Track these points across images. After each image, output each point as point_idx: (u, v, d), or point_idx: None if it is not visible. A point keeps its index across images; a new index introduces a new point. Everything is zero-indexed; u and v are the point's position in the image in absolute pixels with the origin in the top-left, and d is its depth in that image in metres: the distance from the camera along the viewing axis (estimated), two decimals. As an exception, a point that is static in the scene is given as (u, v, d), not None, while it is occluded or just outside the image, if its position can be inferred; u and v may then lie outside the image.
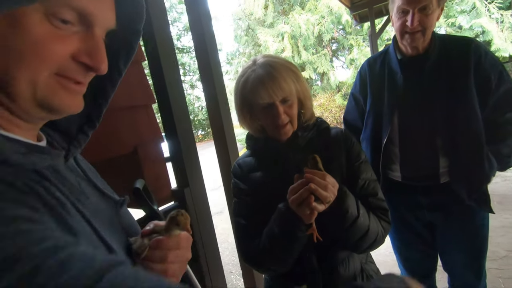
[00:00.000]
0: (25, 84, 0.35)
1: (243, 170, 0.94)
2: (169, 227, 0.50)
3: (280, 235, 0.78)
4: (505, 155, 1.19)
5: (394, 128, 1.28)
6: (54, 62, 0.36)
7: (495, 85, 1.15)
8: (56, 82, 0.37)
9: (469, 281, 1.35)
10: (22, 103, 0.36)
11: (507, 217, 3.06)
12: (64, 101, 0.39)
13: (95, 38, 0.39)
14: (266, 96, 0.81)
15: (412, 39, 1.16)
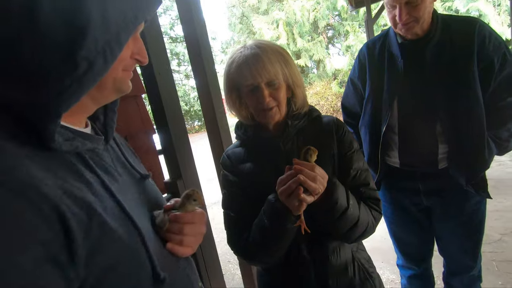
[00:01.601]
0: (111, 80, 0.49)
1: (232, 161, 0.92)
2: (184, 203, 0.58)
3: (269, 226, 0.77)
4: (504, 139, 1.18)
5: (394, 114, 1.25)
6: (124, 63, 0.50)
7: (498, 68, 1.12)
8: (124, 73, 0.51)
9: (465, 264, 1.37)
10: (105, 92, 0.50)
11: (501, 201, 3.10)
12: (128, 85, 0.53)
13: (139, 39, 0.53)
14: (250, 76, 0.79)
15: (406, 29, 1.13)
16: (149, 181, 0.65)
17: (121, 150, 0.62)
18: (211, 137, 1.44)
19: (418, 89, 1.19)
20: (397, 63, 1.22)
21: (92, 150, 0.51)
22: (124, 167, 0.59)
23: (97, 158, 0.51)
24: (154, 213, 0.58)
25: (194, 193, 0.58)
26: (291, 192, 0.69)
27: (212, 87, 1.37)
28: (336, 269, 0.85)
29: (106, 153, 0.55)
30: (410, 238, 1.46)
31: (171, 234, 0.57)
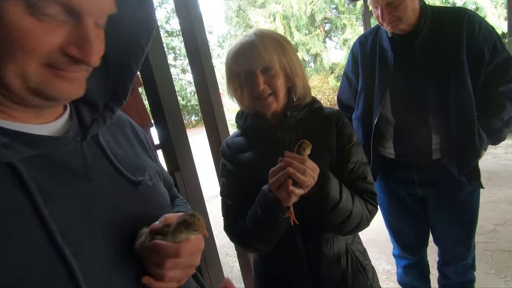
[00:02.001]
0: (14, 76, 0.35)
1: (231, 151, 0.93)
2: (176, 230, 0.46)
3: (262, 216, 0.79)
4: (497, 129, 1.19)
5: (387, 106, 1.27)
6: (41, 54, 0.36)
7: (489, 58, 1.13)
8: (47, 72, 0.37)
9: (459, 253, 1.40)
10: (16, 93, 0.37)
11: (495, 193, 3.15)
12: (59, 88, 0.39)
13: (84, 28, 0.37)
14: (244, 62, 0.80)
15: (392, 27, 1.15)
16: (147, 186, 0.55)
17: (111, 149, 0.53)
18: (209, 131, 1.45)
19: (409, 82, 1.21)
20: (388, 57, 1.23)
21: (41, 156, 0.41)
22: (105, 169, 0.50)
23: (49, 164, 0.42)
24: (141, 231, 0.48)
25: (194, 221, 0.46)
26: (281, 184, 0.70)
27: (210, 80, 1.37)
28: (328, 260, 0.86)
29: (73, 153, 0.46)
30: (405, 228, 1.48)
31: (150, 265, 0.46)
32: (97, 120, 0.51)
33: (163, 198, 0.60)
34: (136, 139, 0.63)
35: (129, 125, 0.64)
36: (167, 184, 0.72)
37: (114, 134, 0.58)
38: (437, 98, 1.17)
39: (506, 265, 2.11)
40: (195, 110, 21.07)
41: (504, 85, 1.15)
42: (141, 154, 0.61)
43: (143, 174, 0.56)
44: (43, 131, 0.43)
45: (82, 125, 0.50)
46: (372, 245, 2.57)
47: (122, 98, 0.53)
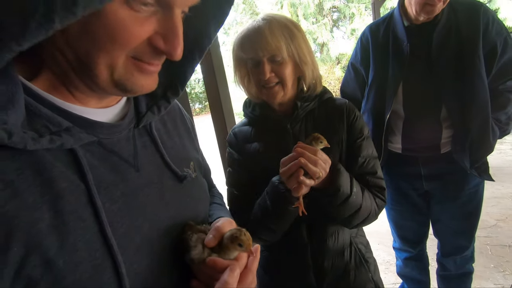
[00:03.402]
0: (104, 67, 0.36)
1: (238, 140, 0.92)
2: (228, 247, 0.46)
3: (271, 207, 0.78)
4: (504, 122, 1.20)
5: (398, 99, 1.25)
6: (132, 46, 0.36)
7: (500, 52, 1.12)
8: (132, 64, 0.38)
9: (459, 245, 1.41)
10: (100, 83, 0.38)
11: (499, 188, 3.15)
12: (138, 82, 0.40)
13: (174, 20, 0.38)
14: (250, 49, 0.78)
15: (426, 12, 1.10)
16: (190, 179, 0.54)
17: (161, 138, 0.52)
18: (215, 120, 1.45)
19: (424, 74, 1.18)
20: (403, 47, 1.20)
21: (96, 142, 0.42)
22: (153, 160, 0.49)
23: (101, 150, 0.42)
24: (191, 235, 0.47)
25: (240, 235, 0.46)
26: (291, 173, 0.69)
27: (217, 67, 1.36)
28: (332, 252, 0.86)
29: (125, 141, 0.46)
30: (408, 222, 1.49)
31: (201, 275, 0.46)
32: (152, 108, 0.50)
33: (204, 190, 0.60)
34: (184, 128, 0.62)
35: (179, 113, 0.63)
36: (205, 173, 0.71)
37: (164, 122, 0.57)
38: (453, 91, 1.15)
39: (506, 259, 2.13)
40: (198, 98, 21.00)
41: (511, 80, 1.15)
42: (187, 145, 0.60)
43: (187, 166, 0.55)
44: (102, 116, 0.44)
45: (138, 112, 0.49)
46: (373, 236, 2.60)
47: (180, 88, 0.52)
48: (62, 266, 0.34)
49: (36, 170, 0.35)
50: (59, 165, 0.36)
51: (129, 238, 0.41)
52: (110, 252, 0.38)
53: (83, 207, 0.37)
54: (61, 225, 0.35)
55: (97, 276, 0.37)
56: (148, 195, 0.45)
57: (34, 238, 0.33)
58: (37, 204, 0.34)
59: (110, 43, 0.35)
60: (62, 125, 0.37)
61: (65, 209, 0.35)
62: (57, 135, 0.36)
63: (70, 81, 0.38)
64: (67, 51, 0.35)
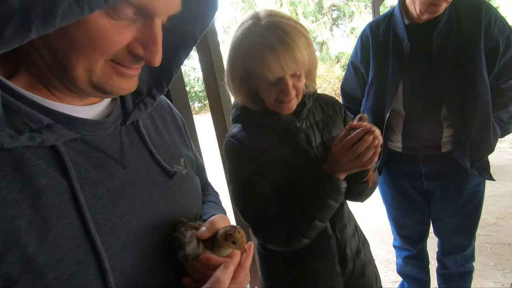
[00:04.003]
0: (82, 71, 0.37)
1: (246, 146, 0.82)
2: (221, 244, 0.45)
3: (334, 201, 0.77)
4: (505, 121, 1.19)
5: (399, 98, 1.24)
6: (111, 52, 0.37)
7: (502, 51, 1.11)
8: (110, 68, 0.38)
9: (460, 244, 1.42)
10: (79, 86, 0.38)
11: (499, 187, 3.15)
12: (117, 85, 0.40)
13: (153, 29, 0.38)
14: (277, 69, 0.69)
15: (431, 11, 1.09)
16: (181, 176, 0.54)
17: (149, 135, 0.52)
18: (215, 119, 1.45)
19: (425, 72, 1.17)
20: (403, 46, 1.19)
21: (79, 139, 0.42)
22: (141, 156, 0.49)
23: (85, 147, 0.42)
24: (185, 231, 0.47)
25: (234, 232, 0.45)
26: (368, 146, 0.71)
27: (217, 65, 1.36)
28: (350, 237, 0.90)
29: (111, 138, 0.46)
30: (408, 221, 1.49)
31: (194, 272, 0.46)
32: (138, 106, 0.50)
33: (196, 187, 0.59)
34: (174, 125, 0.62)
35: (168, 110, 0.62)
36: (200, 170, 0.69)
37: (153, 119, 0.56)
38: (453, 90, 1.14)
39: (505, 257, 2.13)
40: (198, 96, 20.98)
41: None
42: (177, 141, 0.60)
43: (177, 163, 0.55)
44: (85, 114, 0.43)
45: (124, 109, 0.49)
46: (373, 234, 2.61)
47: (165, 85, 0.52)
48: (43, 263, 0.34)
49: (16, 167, 0.34)
50: (39, 162, 0.36)
51: (114, 234, 0.41)
52: (94, 248, 0.38)
53: (65, 204, 0.37)
54: (41, 221, 0.35)
55: (80, 272, 0.36)
56: (136, 191, 0.45)
57: (12, 235, 0.32)
58: (16, 201, 0.33)
59: (89, 49, 0.35)
60: (43, 122, 0.37)
61: (46, 206, 0.35)
62: (38, 132, 0.36)
63: (48, 81, 0.38)
64: (45, 53, 0.35)
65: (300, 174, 0.81)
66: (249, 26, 0.72)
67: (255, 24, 0.72)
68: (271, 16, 0.72)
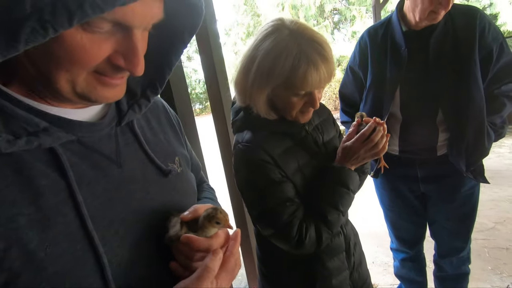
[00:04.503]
0: (65, 82, 0.37)
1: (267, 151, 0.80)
2: (204, 225, 0.46)
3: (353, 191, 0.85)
4: (499, 126, 1.22)
5: (396, 102, 1.27)
6: (91, 65, 0.37)
7: (496, 57, 1.14)
8: (94, 78, 0.39)
9: (456, 246, 1.44)
10: (64, 95, 0.39)
11: (497, 191, 3.16)
12: (102, 94, 0.41)
13: (133, 40, 0.38)
14: (316, 84, 0.72)
15: (431, 19, 1.12)
16: (176, 174, 0.55)
17: (144, 135, 0.53)
18: (216, 120, 1.47)
19: (421, 78, 1.21)
20: (401, 51, 1.22)
21: (76, 141, 0.43)
22: (137, 156, 0.50)
23: (82, 148, 0.43)
24: (173, 219, 0.48)
25: (216, 213, 0.46)
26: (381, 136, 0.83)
27: (218, 67, 1.38)
28: (350, 228, 0.98)
29: (107, 139, 0.47)
30: (405, 223, 1.51)
31: (179, 255, 0.46)
32: (132, 107, 0.51)
33: (191, 185, 0.60)
34: (169, 124, 0.63)
35: (162, 110, 0.63)
36: (195, 168, 0.71)
37: (147, 120, 0.58)
38: (449, 95, 1.17)
39: (503, 262, 2.14)
40: (199, 98, 21.03)
41: (506, 84, 1.18)
42: (172, 140, 0.61)
43: (172, 161, 0.56)
44: (80, 116, 0.44)
45: (119, 110, 0.50)
46: (372, 238, 2.62)
47: (159, 86, 0.53)
48: (44, 258, 0.35)
49: (15, 169, 0.36)
50: (38, 164, 0.38)
51: (112, 230, 0.42)
52: (91, 244, 0.39)
53: (64, 203, 0.38)
54: (42, 219, 0.36)
55: (79, 267, 0.38)
56: (132, 190, 0.47)
57: (14, 232, 0.34)
58: (17, 200, 0.35)
59: (69, 64, 0.36)
60: (40, 126, 0.38)
61: (46, 205, 0.37)
62: (35, 135, 0.37)
63: (39, 90, 0.40)
64: (30, 68, 0.37)
65: (317, 173, 0.86)
66: (284, 37, 0.71)
67: (291, 36, 0.71)
68: (301, 27, 0.73)
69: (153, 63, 0.48)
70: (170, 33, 0.50)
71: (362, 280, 0.98)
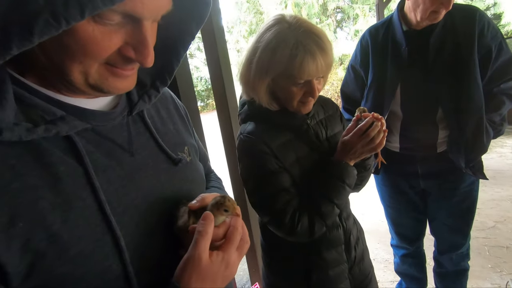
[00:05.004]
0: (78, 74, 0.39)
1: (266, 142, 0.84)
2: (213, 213, 0.46)
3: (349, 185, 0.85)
4: (497, 123, 1.24)
5: (396, 100, 1.29)
6: (103, 57, 0.38)
7: (495, 56, 1.16)
8: (105, 69, 0.40)
9: (455, 242, 1.45)
10: (78, 86, 0.40)
11: (498, 191, 3.17)
12: (114, 85, 0.42)
13: (142, 31, 0.39)
14: (313, 72, 0.75)
15: (437, 17, 1.13)
16: (185, 162, 0.56)
17: (155, 124, 0.54)
18: (221, 117, 1.49)
19: (422, 76, 1.22)
20: (401, 50, 1.24)
21: (90, 129, 0.44)
22: (147, 144, 0.51)
23: (96, 137, 0.45)
24: (182, 209, 0.49)
25: (225, 201, 0.46)
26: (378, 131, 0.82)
27: (223, 63, 1.39)
28: (351, 224, 0.98)
29: (119, 127, 0.49)
30: (405, 219, 1.53)
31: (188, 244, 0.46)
32: (143, 97, 0.52)
33: (199, 173, 0.62)
34: (177, 115, 0.64)
35: (171, 101, 0.65)
36: (203, 158, 0.72)
37: (157, 110, 0.59)
38: (449, 93, 1.19)
39: (503, 260, 2.16)
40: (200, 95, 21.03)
41: (505, 82, 1.20)
42: (181, 130, 0.62)
43: (182, 150, 0.58)
44: (93, 105, 0.46)
45: (130, 100, 0.52)
46: (373, 235, 2.64)
47: (168, 77, 0.54)
48: (67, 239, 0.37)
49: (35, 156, 0.38)
50: (56, 151, 0.39)
51: (127, 216, 0.44)
52: (110, 227, 0.41)
53: (82, 188, 0.40)
54: (62, 204, 0.38)
55: (99, 249, 0.40)
56: (144, 177, 0.48)
57: (38, 215, 0.36)
58: (38, 185, 0.37)
59: (82, 55, 0.37)
60: (56, 114, 0.40)
61: (65, 190, 0.38)
62: (52, 123, 0.38)
63: (53, 81, 0.41)
64: (44, 59, 0.38)
65: (316, 166, 0.87)
66: (283, 29, 0.75)
67: (290, 29, 0.75)
68: (300, 20, 0.77)
69: (161, 55, 0.49)
70: (178, 24, 0.51)
71: (363, 274, 0.99)
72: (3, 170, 0.35)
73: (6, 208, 0.34)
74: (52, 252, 0.36)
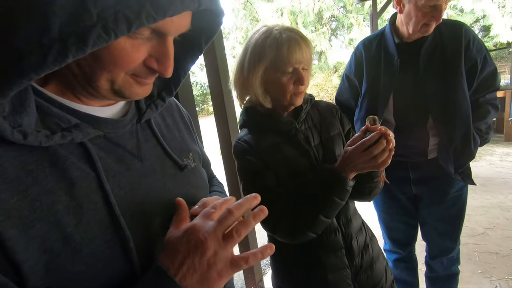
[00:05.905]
0: (105, 81, 0.42)
1: (253, 147, 0.89)
2: None
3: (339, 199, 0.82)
4: (484, 132, 1.31)
5: (389, 108, 1.34)
6: (130, 67, 0.42)
7: (480, 68, 1.23)
8: (131, 79, 0.44)
9: (445, 247, 1.50)
10: (102, 93, 0.44)
11: (488, 198, 3.24)
12: (135, 91, 0.46)
13: (166, 46, 0.43)
14: (300, 58, 0.82)
15: (423, 31, 1.20)
16: (190, 168, 0.59)
17: (161, 131, 0.57)
18: (218, 122, 1.51)
19: (412, 86, 1.28)
20: (393, 62, 1.30)
21: (102, 136, 0.47)
22: (155, 151, 0.54)
23: (107, 144, 0.47)
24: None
25: None
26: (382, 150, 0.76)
27: (221, 67, 1.42)
28: (355, 230, 0.97)
29: (129, 135, 0.51)
30: (398, 224, 1.57)
31: None
32: (150, 106, 0.56)
33: (203, 179, 0.64)
34: (182, 122, 0.68)
35: (176, 109, 0.68)
36: (206, 164, 0.75)
37: (163, 117, 0.62)
38: (438, 102, 1.25)
39: (493, 266, 2.20)
40: (196, 100, 21.04)
41: (490, 93, 1.28)
42: (186, 137, 0.65)
43: (187, 157, 0.60)
44: (105, 113, 0.49)
45: (138, 108, 0.55)
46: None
47: (174, 89, 0.57)
48: (79, 241, 0.39)
49: (51, 162, 0.40)
50: (71, 157, 0.41)
51: (135, 220, 0.46)
52: (119, 229, 0.43)
53: (94, 192, 0.42)
54: (76, 207, 0.40)
55: (109, 250, 0.42)
56: (151, 183, 0.50)
57: (54, 217, 0.38)
58: (54, 189, 0.39)
59: (112, 66, 0.40)
60: (71, 122, 0.42)
61: (79, 194, 0.41)
62: (68, 131, 0.41)
63: (75, 88, 0.44)
64: (74, 68, 0.40)
65: (304, 171, 0.88)
66: (269, 29, 0.85)
67: (273, 29, 0.85)
68: (281, 25, 0.87)
69: None
70: (189, 39, 0.54)
71: (372, 282, 0.97)
72: (23, 175, 0.37)
73: (26, 211, 0.36)
74: (66, 253, 0.38)
